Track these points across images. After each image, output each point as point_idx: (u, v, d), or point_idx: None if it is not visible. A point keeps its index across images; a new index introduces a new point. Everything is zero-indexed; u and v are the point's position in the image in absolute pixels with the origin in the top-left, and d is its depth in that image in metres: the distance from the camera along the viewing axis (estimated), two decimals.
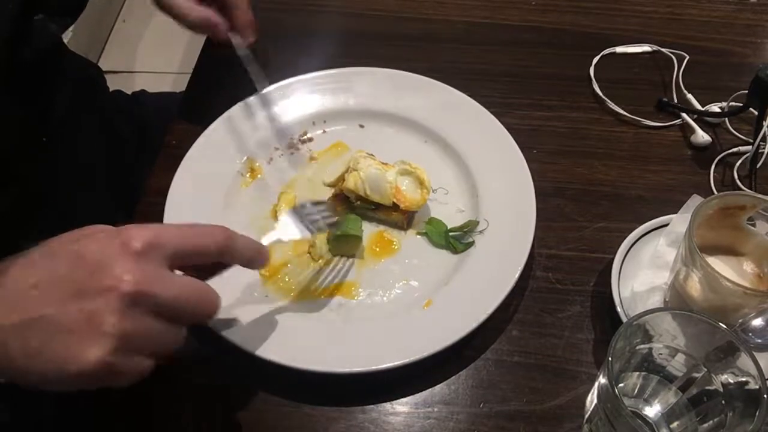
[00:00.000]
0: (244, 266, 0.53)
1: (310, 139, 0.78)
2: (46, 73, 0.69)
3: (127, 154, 0.89)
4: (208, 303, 0.48)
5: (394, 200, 0.67)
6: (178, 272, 0.48)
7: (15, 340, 0.43)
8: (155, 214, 0.68)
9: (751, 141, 0.73)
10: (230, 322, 0.60)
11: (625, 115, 0.80)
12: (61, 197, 0.71)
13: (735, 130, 0.78)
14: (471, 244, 0.67)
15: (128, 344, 0.44)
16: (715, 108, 0.80)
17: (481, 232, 0.67)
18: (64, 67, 0.73)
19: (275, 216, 0.71)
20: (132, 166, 0.88)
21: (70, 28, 0.75)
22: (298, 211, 0.63)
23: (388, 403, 0.60)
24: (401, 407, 0.60)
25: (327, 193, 0.72)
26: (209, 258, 0.49)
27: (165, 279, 0.45)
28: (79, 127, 0.75)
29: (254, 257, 0.53)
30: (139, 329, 0.44)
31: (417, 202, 0.67)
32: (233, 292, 0.64)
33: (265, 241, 0.58)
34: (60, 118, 0.70)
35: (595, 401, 0.51)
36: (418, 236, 0.69)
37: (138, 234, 0.45)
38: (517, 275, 0.63)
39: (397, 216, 0.69)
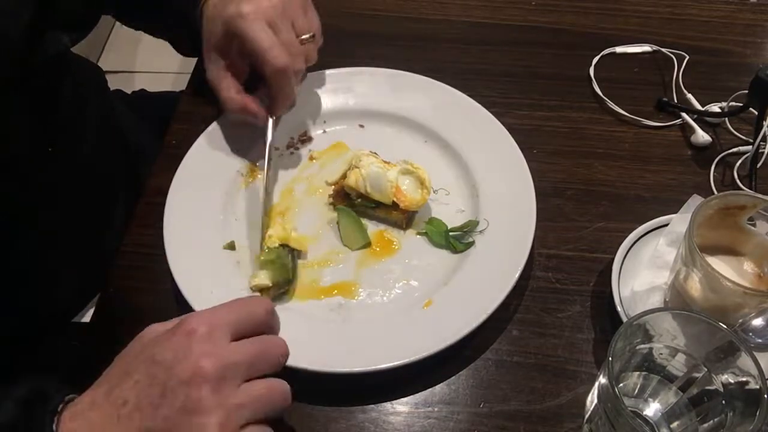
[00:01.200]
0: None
1: (310, 139, 0.78)
2: (53, 78, 0.69)
3: (128, 154, 0.89)
4: (277, 346, 0.50)
5: (394, 199, 0.67)
6: None
7: None
8: (155, 214, 0.68)
9: (751, 141, 0.73)
10: None
11: (625, 115, 0.80)
12: (63, 196, 0.71)
13: (735, 130, 0.78)
14: (471, 243, 0.67)
15: (234, 417, 0.45)
16: (715, 108, 0.80)
17: (481, 232, 0.67)
18: (70, 71, 0.73)
19: (275, 216, 0.71)
20: (132, 166, 0.88)
21: None
22: None
23: (388, 403, 0.60)
24: (401, 407, 0.60)
25: (326, 193, 0.72)
26: (261, 325, 0.51)
27: (236, 347, 0.48)
28: (82, 127, 0.75)
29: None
30: (238, 400, 0.46)
31: (417, 202, 0.67)
32: (233, 293, 0.64)
33: None
34: (63, 119, 0.71)
35: (595, 401, 0.51)
36: (418, 236, 0.69)
37: (197, 320, 0.48)
38: (517, 275, 0.63)
39: (397, 215, 0.69)
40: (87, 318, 0.69)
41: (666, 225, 0.66)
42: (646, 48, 0.87)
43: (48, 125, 0.68)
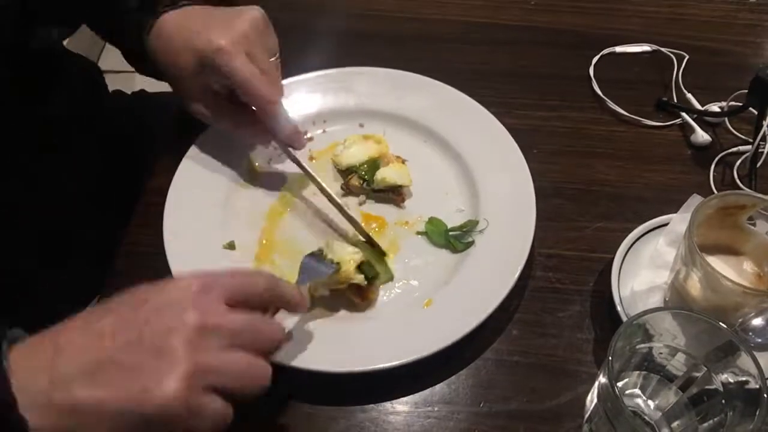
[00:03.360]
0: (287, 310, 0.54)
1: (310, 139, 0.78)
2: (46, 74, 0.69)
3: (128, 154, 0.89)
4: (272, 329, 0.50)
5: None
6: None
7: (83, 389, 0.42)
8: (155, 214, 0.68)
9: (751, 141, 0.73)
10: None
11: (625, 115, 0.80)
12: (62, 195, 0.71)
13: (735, 129, 0.78)
14: (471, 243, 0.67)
15: (202, 376, 0.44)
16: (715, 108, 0.80)
17: (481, 231, 0.67)
18: (64, 67, 0.73)
19: (275, 216, 0.71)
20: (132, 166, 0.88)
21: None
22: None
23: (388, 402, 0.60)
24: (401, 407, 0.60)
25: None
26: (259, 299, 0.50)
27: (226, 312, 0.47)
28: (80, 126, 0.75)
29: (298, 301, 0.53)
30: (214, 361, 0.45)
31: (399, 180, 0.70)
32: None
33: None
34: (61, 118, 0.71)
35: (595, 401, 0.51)
36: (418, 236, 0.69)
37: (194, 276, 0.47)
38: (517, 275, 0.63)
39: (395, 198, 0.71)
40: None
41: (666, 225, 0.66)
42: (646, 48, 0.87)
43: (40, 120, 0.68)
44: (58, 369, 0.43)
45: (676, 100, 0.81)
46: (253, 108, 0.67)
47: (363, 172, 0.71)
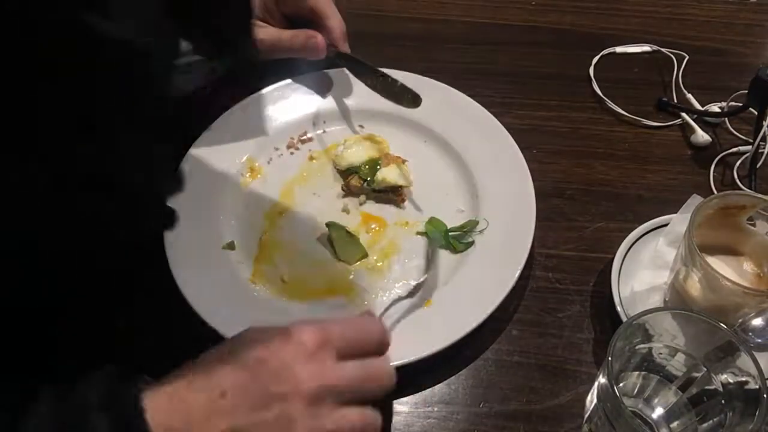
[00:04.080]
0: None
1: (310, 139, 0.78)
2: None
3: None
4: (382, 374, 0.50)
5: None
6: None
7: None
8: None
9: (751, 141, 0.73)
10: (230, 324, 0.60)
11: (625, 115, 0.80)
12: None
13: (735, 130, 0.78)
14: (471, 243, 0.67)
15: None
16: (715, 108, 0.80)
17: (481, 231, 0.67)
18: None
19: (275, 216, 0.71)
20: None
21: None
22: None
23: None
24: (401, 407, 0.60)
25: (326, 193, 0.72)
26: (373, 348, 0.50)
27: (339, 370, 0.47)
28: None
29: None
30: (330, 425, 0.45)
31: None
32: (233, 294, 0.64)
33: None
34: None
35: (595, 401, 0.51)
36: (418, 236, 0.69)
37: (309, 333, 0.47)
38: (517, 275, 0.63)
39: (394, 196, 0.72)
40: None
41: (666, 225, 0.66)
42: (646, 48, 0.87)
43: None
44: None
45: (676, 100, 0.81)
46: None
47: (363, 173, 0.71)
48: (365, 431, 0.48)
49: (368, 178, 0.71)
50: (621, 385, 0.53)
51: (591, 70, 0.84)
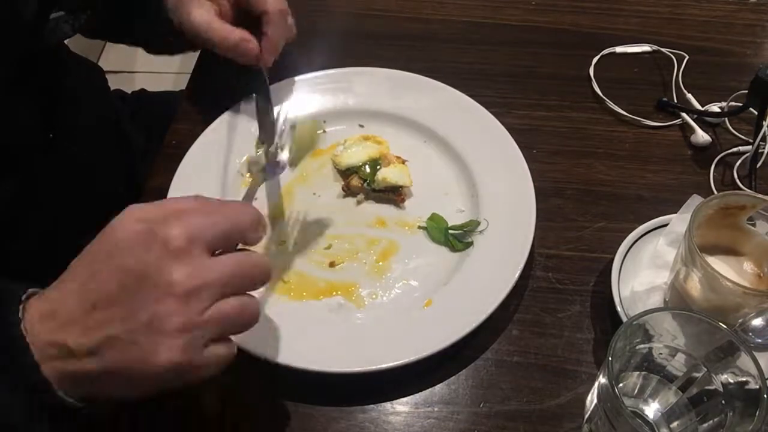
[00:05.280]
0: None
1: None
2: (53, 73, 0.69)
3: (128, 154, 0.89)
4: (258, 266, 0.49)
5: None
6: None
7: (92, 362, 0.45)
8: None
9: (751, 141, 0.73)
10: None
11: (625, 115, 0.80)
12: (62, 195, 0.71)
13: (735, 130, 0.78)
14: (470, 243, 0.67)
15: (198, 337, 0.46)
16: (715, 108, 0.80)
17: (481, 232, 0.67)
18: (67, 66, 0.73)
19: (275, 216, 0.71)
20: (132, 166, 0.88)
21: None
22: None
23: (388, 403, 0.60)
24: (401, 407, 0.60)
25: (326, 193, 0.72)
26: (244, 238, 0.50)
27: (210, 265, 0.46)
28: (82, 125, 0.75)
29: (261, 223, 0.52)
30: (205, 318, 0.46)
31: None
32: None
33: None
34: (63, 116, 0.71)
35: (595, 401, 0.51)
36: (419, 230, 0.69)
37: (176, 232, 0.46)
38: (517, 275, 0.63)
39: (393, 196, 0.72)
40: None
41: (666, 225, 0.66)
42: (646, 48, 0.87)
43: (48, 122, 0.68)
44: (66, 346, 0.45)
45: (676, 100, 0.81)
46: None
47: (364, 173, 0.71)
48: (243, 318, 0.48)
49: (368, 179, 0.71)
50: (621, 385, 0.53)
51: (591, 70, 0.84)
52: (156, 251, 0.45)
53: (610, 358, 0.47)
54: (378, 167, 0.71)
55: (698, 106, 0.80)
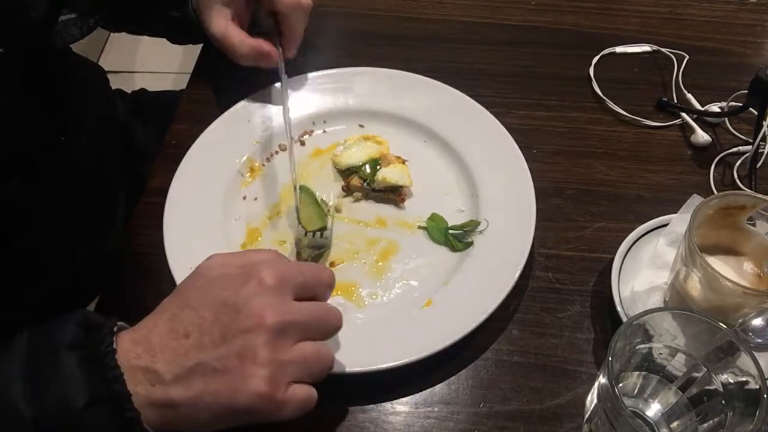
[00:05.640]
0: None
1: (311, 138, 0.77)
2: (58, 75, 0.69)
3: (128, 154, 0.89)
4: (335, 316, 0.53)
5: None
6: None
7: (178, 390, 0.47)
8: (155, 214, 0.68)
9: (751, 141, 0.73)
10: None
11: (625, 115, 0.80)
12: (64, 195, 0.71)
13: (735, 130, 0.78)
14: (470, 244, 0.67)
15: (283, 372, 0.48)
16: (715, 108, 0.80)
17: (481, 232, 0.67)
18: (71, 67, 0.73)
19: (275, 216, 0.71)
20: (132, 166, 0.88)
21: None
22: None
23: (388, 403, 0.60)
24: (401, 407, 0.60)
25: (327, 193, 0.72)
26: (322, 293, 0.54)
27: (297, 307, 0.50)
28: (83, 126, 0.75)
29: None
30: (289, 356, 0.49)
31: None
32: None
33: None
34: (65, 117, 0.71)
35: (595, 401, 0.51)
36: (419, 230, 0.69)
37: (269, 271, 0.50)
38: (517, 275, 0.63)
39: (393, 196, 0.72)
40: None
41: (666, 225, 0.66)
42: (646, 48, 0.87)
43: (52, 122, 0.68)
44: (155, 372, 0.47)
45: (676, 100, 0.81)
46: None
47: (364, 173, 0.71)
48: (321, 362, 0.51)
49: (369, 178, 0.71)
50: (621, 385, 0.53)
51: (591, 70, 0.84)
52: (252, 286, 0.49)
53: (610, 358, 0.47)
54: (378, 167, 0.71)
55: (698, 106, 0.80)
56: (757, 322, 0.54)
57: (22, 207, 0.66)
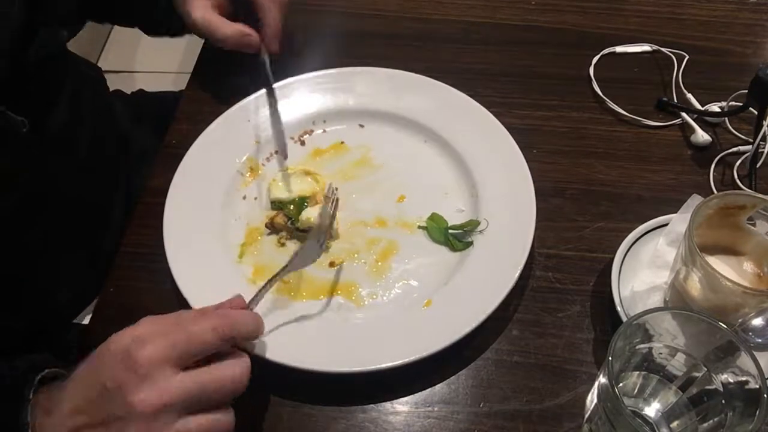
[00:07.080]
0: (246, 341, 0.56)
1: (311, 138, 0.77)
2: (50, 76, 0.69)
3: (127, 154, 0.89)
4: (232, 376, 0.50)
5: None
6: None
7: None
8: (155, 214, 0.68)
9: (751, 141, 0.73)
10: None
11: (625, 115, 0.80)
12: (63, 196, 0.71)
13: (735, 129, 0.78)
14: (470, 244, 0.67)
15: None
16: (715, 108, 0.80)
17: (481, 231, 0.67)
18: (66, 68, 0.73)
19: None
20: (132, 166, 0.88)
21: None
22: None
23: (388, 402, 0.60)
24: (401, 407, 0.60)
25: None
26: (210, 348, 0.51)
27: (175, 384, 0.48)
28: (81, 127, 0.75)
29: (254, 331, 0.56)
30: None
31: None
32: (233, 293, 0.64)
33: None
34: (62, 120, 0.71)
35: (595, 401, 0.51)
36: (419, 230, 0.69)
37: (147, 354, 0.48)
38: (517, 275, 0.63)
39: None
40: (88, 320, 0.69)
41: (666, 225, 0.66)
42: (646, 48, 0.87)
43: (46, 124, 0.68)
44: None
45: (676, 100, 0.81)
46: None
47: (289, 210, 0.69)
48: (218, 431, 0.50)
49: (293, 217, 0.69)
50: (621, 385, 0.53)
51: (591, 70, 0.84)
52: (124, 374, 0.48)
53: (610, 358, 0.47)
54: (305, 205, 0.69)
55: (698, 106, 0.80)
56: (757, 321, 0.54)
57: (24, 205, 0.66)
